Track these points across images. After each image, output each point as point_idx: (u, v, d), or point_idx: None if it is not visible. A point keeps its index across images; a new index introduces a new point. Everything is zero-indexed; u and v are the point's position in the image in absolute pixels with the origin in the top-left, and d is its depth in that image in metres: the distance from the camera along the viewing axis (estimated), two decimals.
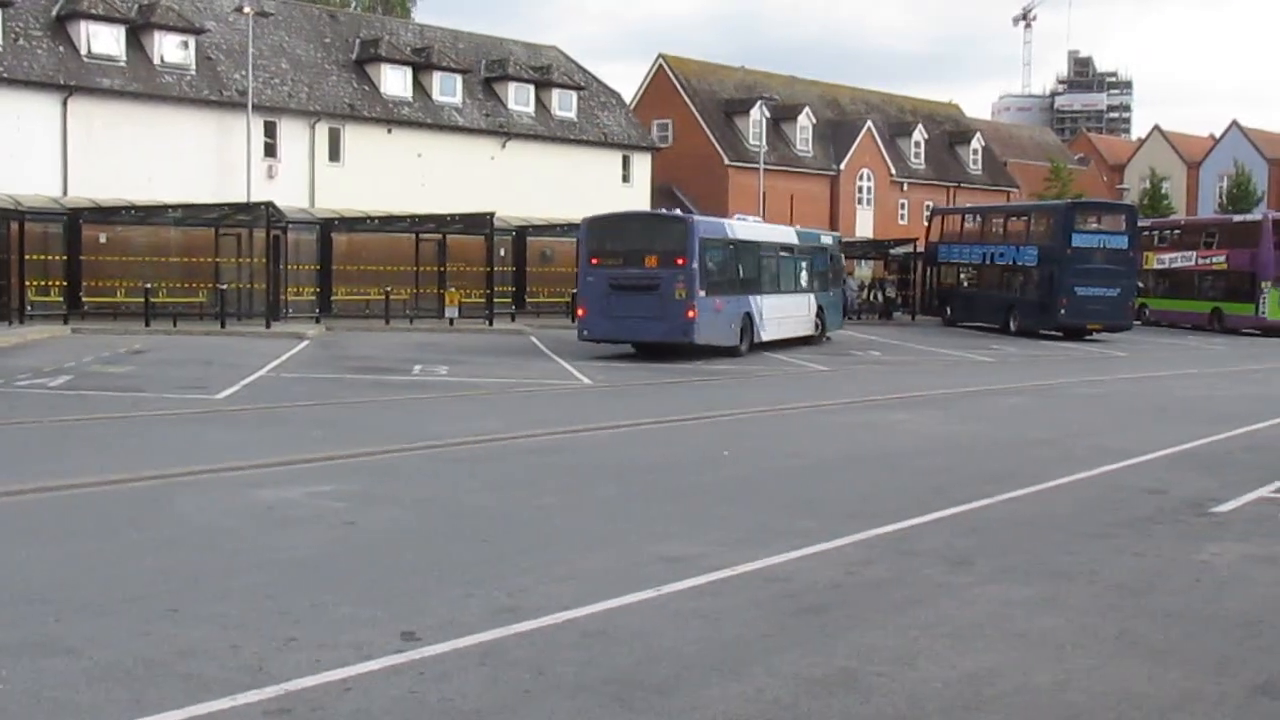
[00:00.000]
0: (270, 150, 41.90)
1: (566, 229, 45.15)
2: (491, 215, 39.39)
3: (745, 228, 31.93)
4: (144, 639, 6.78)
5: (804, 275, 34.20)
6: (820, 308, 34.92)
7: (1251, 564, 9.27)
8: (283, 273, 37.30)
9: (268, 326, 33.70)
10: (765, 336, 30.87)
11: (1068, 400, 22.10)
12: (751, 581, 8.32)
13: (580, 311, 28.89)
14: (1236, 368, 30.60)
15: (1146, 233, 50.10)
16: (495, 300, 39.48)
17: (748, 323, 29.90)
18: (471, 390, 21.14)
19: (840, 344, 33.55)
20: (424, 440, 14.62)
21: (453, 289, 39.25)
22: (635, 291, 27.39)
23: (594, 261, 28.30)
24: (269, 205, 35.64)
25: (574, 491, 11.68)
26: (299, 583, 8.07)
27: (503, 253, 43.35)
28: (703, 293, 27.35)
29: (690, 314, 26.87)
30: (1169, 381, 26.20)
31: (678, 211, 32.62)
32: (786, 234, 35.02)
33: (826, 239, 37.50)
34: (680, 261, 27.13)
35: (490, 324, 37.83)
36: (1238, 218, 54.37)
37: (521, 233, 44.69)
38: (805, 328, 33.83)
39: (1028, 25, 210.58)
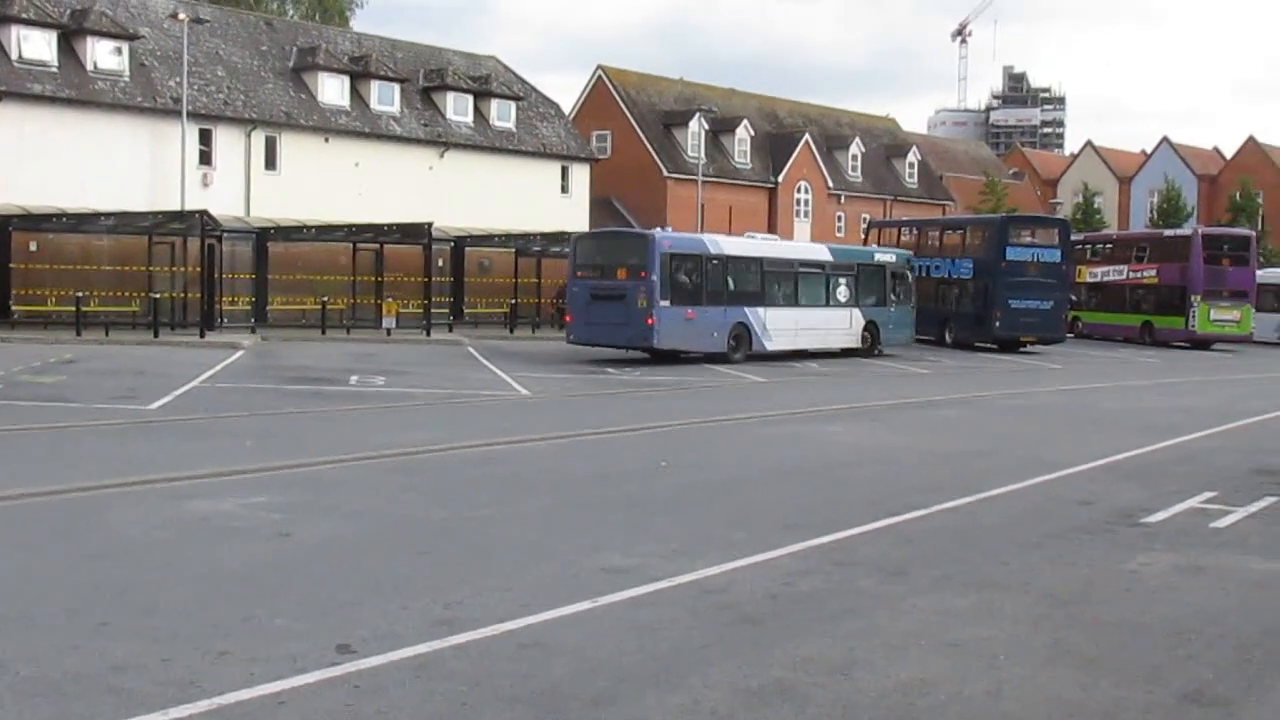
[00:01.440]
0: (205, 158, 41.54)
1: (504, 239, 45.19)
2: (429, 225, 39.29)
3: (736, 243, 33.80)
4: (73, 653, 6.68)
5: (842, 290, 35.05)
6: (871, 322, 35.59)
7: (1180, 574, 9.40)
8: (217, 282, 36.92)
9: (202, 336, 33.36)
10: (772, 347, 32.44)
11: (1001, 412, 22.32)
12: (688, 592, 8.33)
13: (567, 318, 32.03)
14: (1167, 380, 31.04)
15: (1079, 247, 50.75)
16: (433, 311, 39.36)
17: (743, 332, 31.62)
18: (408, 401, 21.04)
19: (777, 356, 33.62)
20: (360, 451, 14.52)
21: (390, 299, 39.05)
22: (608, 300, 30.11)
23: (578, 274, 31.32)
24: (204, 214, 35.33)
25: (511, 503, 11.64)
26: (232, 595, 7.98)
27: (440, 263, 43.22)
28: (665, 302, 29.56)
29: (649, 321, 29.27)
30: (1101, 393, 26.54)
31: (658, 230, 33.51)
32: (812, 250, 37.60)
33: (884, 256, 37.88)
34: (643, 274, 29.58)
35: (428, 334, 37.68)
36: (1168, 232, 55.25)
37: (460, 243, 44.57)
38: (844, 340, 34.90)
39: (963, 41, 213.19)
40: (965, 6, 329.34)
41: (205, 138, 41.64)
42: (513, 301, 43.87)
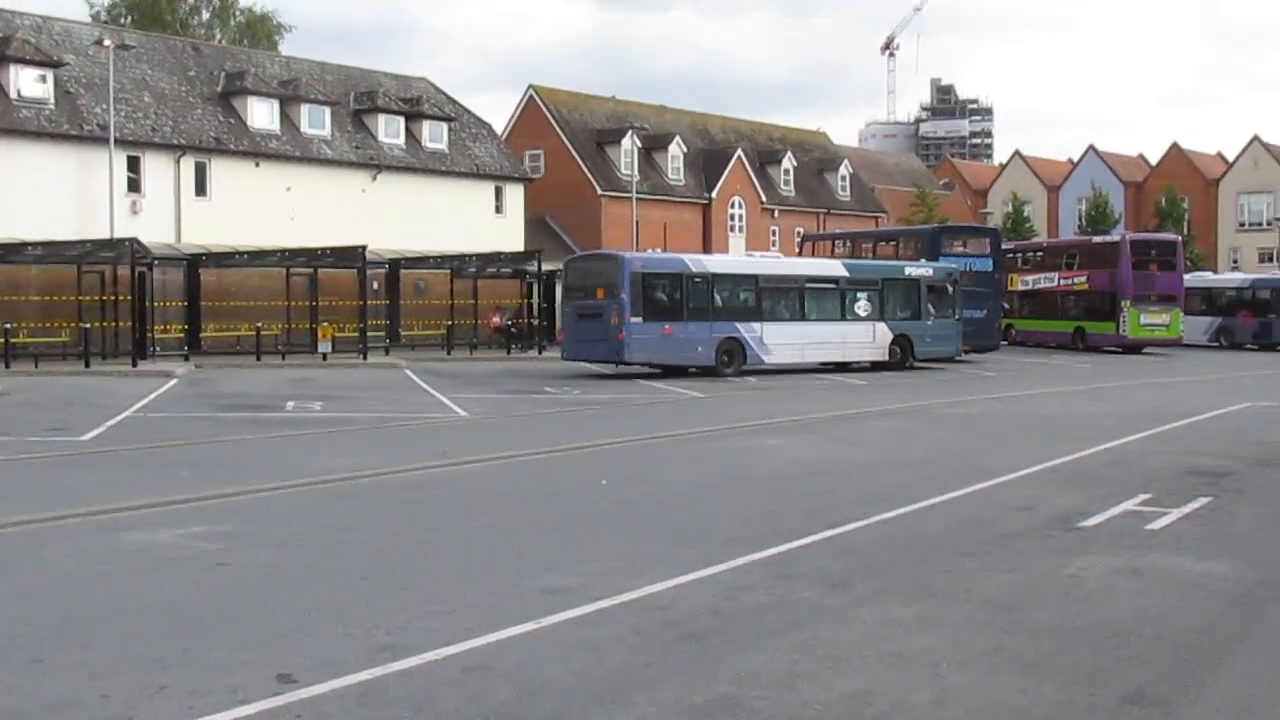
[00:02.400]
0: (134, 185, 41.10)
1: (439, 261, 45.03)
2: (363, 248, 39.06)
3: (724, 261, 37.38)
4: (7, 692, 6.56)
5: (861, 305, 35.70)
6: (902, 336, 36.16)
7: (1118, 576, 9.51)
8: (149, 310, 36.51)
9: (134, 365, 32.97)
10: (772, 360, 33.91)
11: (938, 421, 22.49)
12: (632, 610, 8.32)
13: (563, 336, 35.01)
14: (1099, 385, 31.41)
15: (1010, 255, 51.36)
16: (369, 334, 39.12)
17: (735, 346, 33.12)
18: (346, 426, 20.89)
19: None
20: (298, 478, 14.39)
21: (325, 323, 38.76)
22: (590, 318, 32.35)
23: (569, 295, 34.21)
24: (133, 241, 34.91)
25: (451, 525, 11.58)
26: (171, 627, 7.88)
27: (375, 286, 42.99)
28: (638, 319, 31.43)
29: (620, 336, 31.18)
30: (1036, 400, 26.83)
31: (630, 251, 35.87)
32: (823, 266, 38.48)
33: (918, 271, 38.02)
34: (616, 293, 31.51)
35: (364, 358, 37.46)
36: (1097, 239, 56.00)
37: (394, 265, 44.35)
38: (866, 354, 35.97)
39: (891, 55, 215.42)
40: (891, 20, 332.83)
41: (133, 164, 41.22)
42: (449, 323, 43.70)
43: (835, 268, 37.36)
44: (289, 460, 16.55)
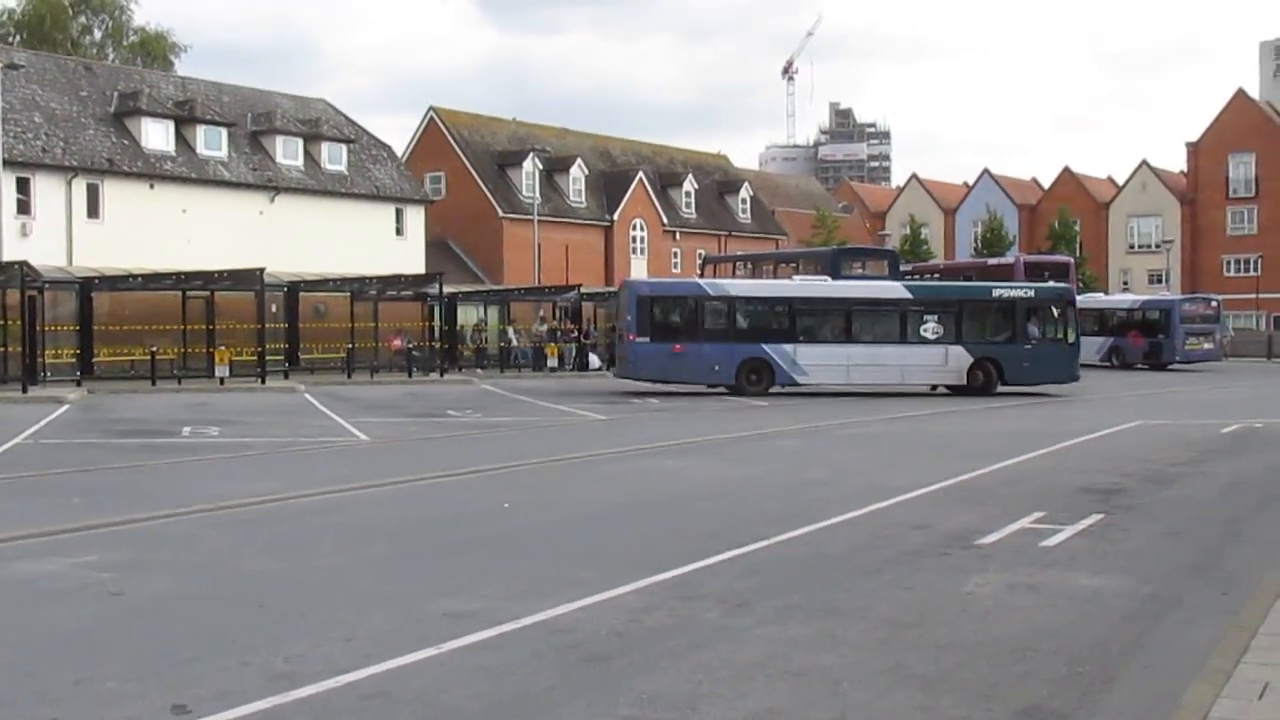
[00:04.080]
0: (24, 207, 40.25)
1: (340, 283, 44.56)
2: (261, 271, 38.49)
3: (747, 285, 38.56)
4: None
5: (929, 327, 34.77)
6: (987, 359, 34.98)
7: (1014, 593, 9.66)
8: (39, 334, 35.68)
9: (24, 391, 32.18)
10: (807, 380, 34.38)
11: (838, 441, 22.70)
12: (534, 634, 8.29)
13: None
14: (994, 404, 31.91)
15: (909, 277, 52.04)
16: (267, 358, 38.54)
17: (761, 366, 34.03)
18: (244, 451, 20.57)
19: (618, 393, 33.88)
20: (195, 504, 14.14)
21: (222, 347, 38.11)
22: (619, 339, 35.57)
23: (617, 319, 37.13)
24: (23, 264, 34.11)
25: (352, 550, 11.45)
26: (62, 659, 7.69)
27: (274, 309, 42.35)
28: (644, 339, 33.62)
29: (626, 354, 34.09)
30: (933, 420, 27.19)
31: (634, 276, 38.46)
32: (880, 289, 37.16)
33: (1012, 292, 36.76)
34: (624, 315, 34.33)
35: (263, 382, 36.89)
36: (992, 260, 57.15)
37: (293, 288, 43.74)
38: (933, 377, 35.19)
39: (791, 78, 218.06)
40: (790, 44, 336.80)
41: (23, 186, 40.36)
42: (350, 346, 43.22)
43: (894, 290, 36.33)
44: (185, 486, 16.24)
